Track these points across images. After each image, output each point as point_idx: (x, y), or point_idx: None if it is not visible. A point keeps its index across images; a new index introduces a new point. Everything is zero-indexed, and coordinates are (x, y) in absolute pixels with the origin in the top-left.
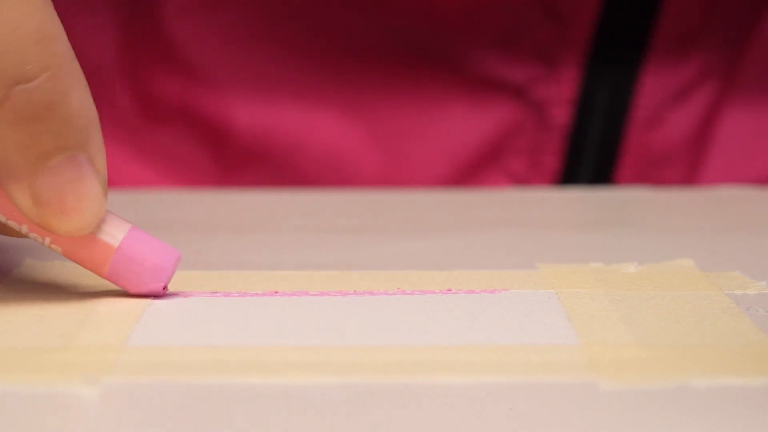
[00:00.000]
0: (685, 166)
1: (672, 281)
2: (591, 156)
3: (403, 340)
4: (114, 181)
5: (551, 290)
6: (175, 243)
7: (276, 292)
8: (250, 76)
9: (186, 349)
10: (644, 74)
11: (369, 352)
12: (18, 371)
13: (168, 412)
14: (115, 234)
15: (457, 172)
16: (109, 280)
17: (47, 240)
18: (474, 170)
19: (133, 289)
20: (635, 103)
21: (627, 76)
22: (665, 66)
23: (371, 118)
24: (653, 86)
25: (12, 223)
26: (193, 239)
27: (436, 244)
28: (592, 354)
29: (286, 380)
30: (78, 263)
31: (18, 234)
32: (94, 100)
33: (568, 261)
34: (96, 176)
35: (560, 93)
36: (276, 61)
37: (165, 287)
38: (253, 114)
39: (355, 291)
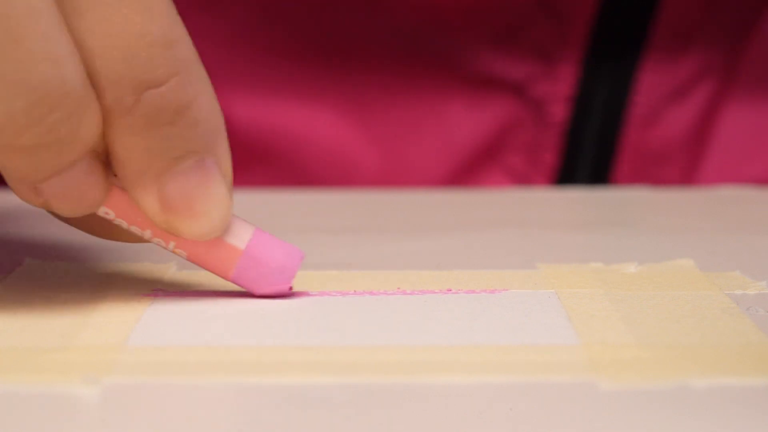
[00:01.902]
0: (684, 164)
1: (672, 281)
2: (589, 153)
3: (403, 340)
4: None
5: (551, 290)
6: None
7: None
8: (250, 76)
9: (186, 349)
10: (642, 72)
11: (369, 352)
12: (18, 371)
13: (168, 412)
14: (241, 236)
15: (456, 169)
16: (234, 282)
17: (171, 244)
18: (473, 167)
19: (259, 291)
20: (633, 100)
21: (625, 73)
22: (663, 64)
23: (370, 117)
24: (651, 84)
25: (134, 229)
26: None
27: (436, 244)
28: (592, 354)
29: (286, 380)
30: (202, 267)
31: (138, 239)
32: None
33: (568, 261)
34: (223, 179)
35: (558, 90)
36: (275, 60)
37: (290, 287)
38: (252, 113)
39: (355, 291)
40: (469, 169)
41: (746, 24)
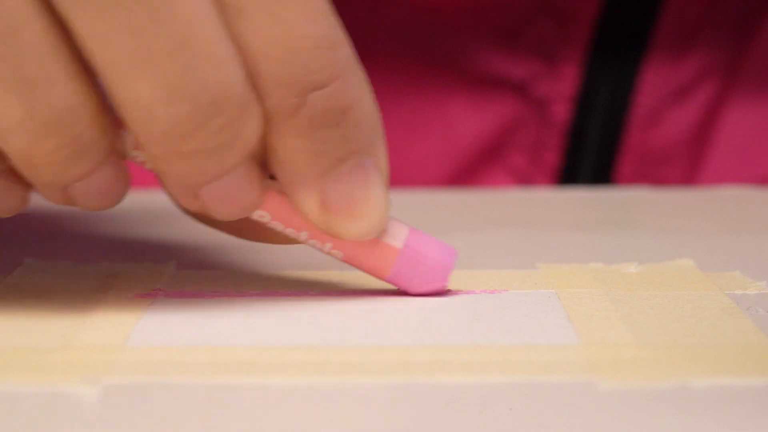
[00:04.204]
0: (686, 164)
1: (672, 281)
2: (591, 153)
3: (403, 340)
4: None
5: (551, 290)
6: (174, 244)
7: (276, 292)
8: None
9: (186, 349)
10: (645, 72)
11: (369, 352)
12: (18, 371)
13: (168, 412)
14: (397, 235)
15: (459, 168)
16: (390, 282)
17: (328, 245)
18: (475, 167)
19: (416, 289)
20: (636, 100)
21: (628, 73)
22: (666, 64)
23: None
24: (654, 84)
25: (290, 231)
26: (193, 239)
27: None
28: (592, 354)
29: (286, 380)
30: (359, 267)
31: (292, 241)
32: None
33: (568, 261)
34: (382, 180)
35: (561, 90)
36: None
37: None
38: None
39: (354, 291)
40: (471, 169)
41: (749, 24)
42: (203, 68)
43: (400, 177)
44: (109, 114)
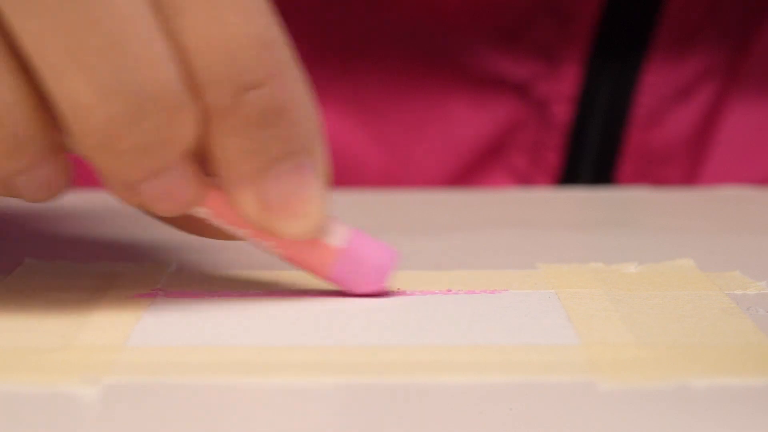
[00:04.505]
0: (686, 165)
1: (672, 281)
2: (592, 153)
3: (403, 340)
4: None
5: (551, 290)
6: (172, 244)
7: (276, 292)
8: None
9: (186, 349)
10: (646, 72)
11: (369, 352)
12: (18, 371)
13: (168, 412)
14: (338, 236)
15: (460, 169)
16: (332, 281)
17: (270, 244)
18: (476, 167)
19: (357, 289)
20: (637, 101)
21: (629, 73)
22: (667, 64)
23: (374, 116)
24: (655, 84)
25: (232, 228)
26: (193, 239)
27: (436, 243)
28: (592, 354)
29: (286, 380)
30: (300, 266)
31: (234, 238)
32: None
33: (568, 261)
34: (319, 180)
35: (562, 90)
36: None
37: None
38: None
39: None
40: (472, 169)
41: (749, 25)
42: (137, 66)
43: (401, 177)
44: (50, 110)
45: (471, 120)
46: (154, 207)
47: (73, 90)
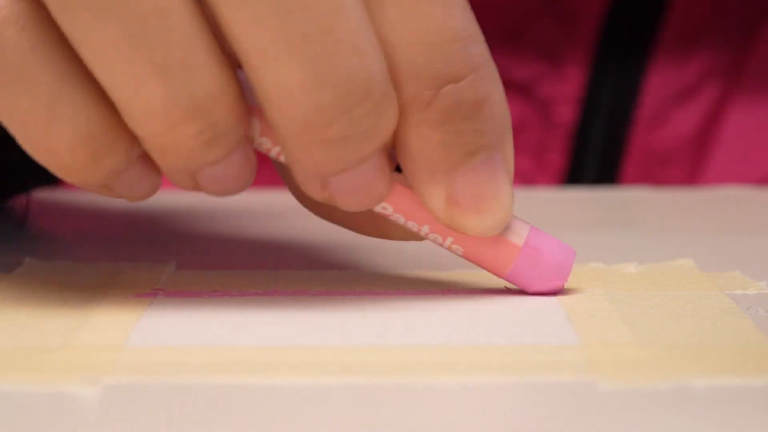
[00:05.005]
0: (689, 165)
1: (672, 281)
2: (595, 154)
3: (403, 340)
4: None
5: None
6: (174, 244)
7: (276, 292)
8: None
9: (186, 349)
10: (649, 73)
11: (369, 352)
12: (18, 371)
13: (168, 412)
14: (519, 233)
15: None
16: (508, 279)
17: (449, 240)
18: None
19: (534, 288)
20: (640, 101)
21: (632, 74)
22: (670, 65)
23: None
24: (658, 85)
25: (411, 224)
26: (193, 239)
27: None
28: (592, 354)
29: (286, 380)
30: (478, 264)
31: (412, 236)
32: None
33: None
34: (508, 176)
35: (565, 91)
36: None
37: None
38: None
39: (354, 291)
40: None
41: (752, 26)
42: (348, 55)
43: None
44: (244, 101)
45: None
46: (341, 201)
47: (283, 77)
